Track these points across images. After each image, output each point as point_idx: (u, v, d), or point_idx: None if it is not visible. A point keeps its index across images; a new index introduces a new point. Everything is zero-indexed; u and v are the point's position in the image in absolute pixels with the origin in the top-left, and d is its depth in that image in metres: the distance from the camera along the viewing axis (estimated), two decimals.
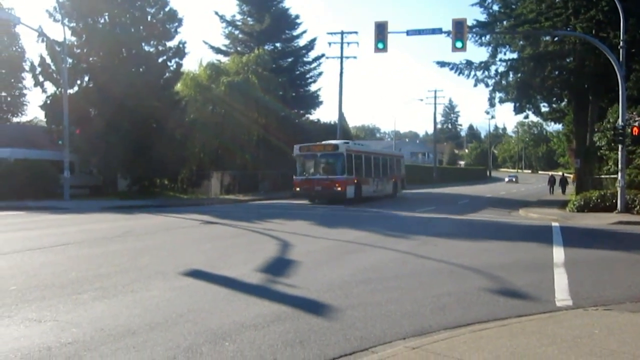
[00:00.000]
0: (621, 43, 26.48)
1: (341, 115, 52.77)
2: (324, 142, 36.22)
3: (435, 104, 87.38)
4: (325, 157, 33.99)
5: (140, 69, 39.03)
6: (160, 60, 40.73)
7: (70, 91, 36.52)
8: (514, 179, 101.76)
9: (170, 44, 41.04)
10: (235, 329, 7.04)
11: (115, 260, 12.10)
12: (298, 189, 33.89)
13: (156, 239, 16.33)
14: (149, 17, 39.85)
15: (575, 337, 6.62)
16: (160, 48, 40.81)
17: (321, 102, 60.93)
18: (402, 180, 45.67)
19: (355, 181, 33.82)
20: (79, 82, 38.65)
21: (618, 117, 27.13)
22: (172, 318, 7.52)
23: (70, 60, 37.06)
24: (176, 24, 40.85)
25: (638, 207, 25.30)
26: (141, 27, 39.32)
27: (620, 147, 26.16)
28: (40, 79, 37.35)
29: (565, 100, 45.78)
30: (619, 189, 26.03)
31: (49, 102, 37.55)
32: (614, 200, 26.46)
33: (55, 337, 6.66)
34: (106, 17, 38.57)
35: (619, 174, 26.10)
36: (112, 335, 6.78)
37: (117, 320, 7.38)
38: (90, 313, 7.80)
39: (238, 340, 6.65)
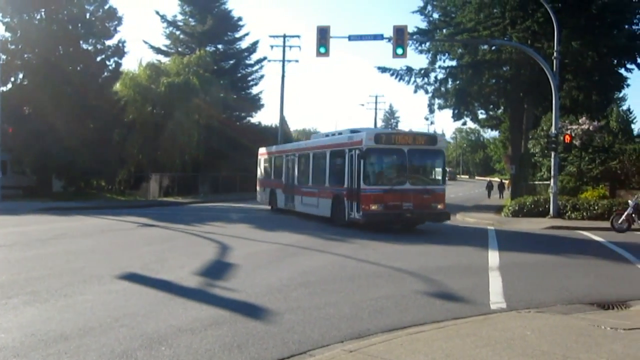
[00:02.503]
0: (555, 53, 27.29)
1: (282, 118, 52.70)
2: (413, 131, 24.15)
3: (376, 109, 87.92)
4: (417, 155, 20.78)
5: (78, 68, 38.12)
6: (98, 59, 39.89)
7: (3, 88, 35.53)
8: None
9: (109, 42, 40.31)
10: (172, 333, 6.94)
11: (48, 263, 11.80)
12: (374, 207, 19.63)
13: (92, 242, 15.98)
14: (88, 15, 38.98)
15: (509, 338, 6.78)
16: (99, 46, 39.98)
17: (263, 105, 60.78)
18: None
19: None
20: (12, 79, 37.55)
21: (551, 125, 27.93)
22: (107, 322, 7.38)
23: (3, 57, 36.03)
24: (116, 22, 40.10)
25: (569, 212, 26.05)
26: (79, 25, 38.40)
27: (553, 154, 26.90)
28: None
29: (502, 107, 46.89)
30: (551, 195, 26.75)
31: None
32: (546, 206, 27.17)
33: None
34: (42, 14, 37.55)
35: (552, 180, 26.85)
36: (43, 340, 6.60)
37: (49, 325, 7.19)
38: (21, 318, 7.58)
39: (174, 344, 6.56)
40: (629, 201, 22.15)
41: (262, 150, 32.48)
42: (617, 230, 21.09)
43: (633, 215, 21.23)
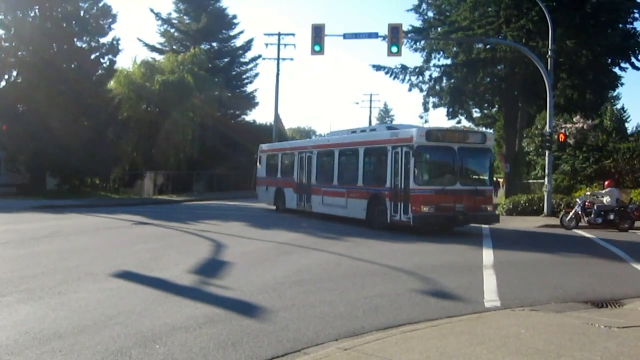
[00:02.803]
0: (549, 52, 27.35)
1: (277, 116, 52.69)
2: (463, 129, 23.53)
3: (370, 107, 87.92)
4: (467, 154, 19.67)
5: (72, 65, 37.97)
6: (93, 56, 39.73)
7: None
8: None
9: (103, 40, 40.11)
10: (166, 331, 6.93)
11: (42, 261, 11.76)
12: (426, 208, 18.47)
13: (86, 240, 15.94)
14: (82, 12, 38.81)
15: (503, 337, 6.79)
16: (93, 44, 39.84)
17: (257, 103, 60.86)
18: None
19: None
20: (6, 76, 37.38)
21: (545, 123, 27.97)
22: (101, 320, 7.36)
23: None
24: (110, 19, 39.94)
25: (563, 211, 26.13)
26: (73, 22, 38.24)
27: (547, 152, 26.96)
28: None
29: (496, 106, 46.96)
30: (545, 194, 26.82)
31: None
32: (540, 204, 27.25)
33: None
34: (36, 11, 37.39)
35: (546, 178, 26.91)
36: (37, 338, 6.58)
37: (43, 323, 7.17)
38: (15, 316, 7.56)
39: (169, 342, 6.55)
40: (577, 199, 22.95)
41: (265, 147, 31.35)
42: (566, 227, 21.99)
43: (580, 213, 22.11)
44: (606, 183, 23.24)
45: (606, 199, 21.96)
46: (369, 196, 20.74)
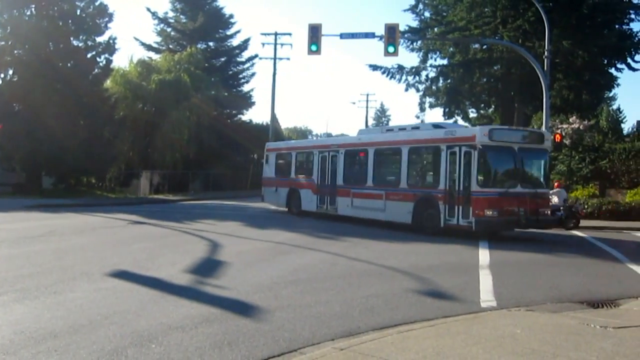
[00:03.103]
0: (546, 53, 27.37)
1: (274, 116, 52.58)
2: (522, 128, 23.27)
3: (367, 107, 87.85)
4: (526, 155, 18.56)
5: (69, 64, 37.96)
6: (89, 55, 39.75)
7: None
8: None
9: (100, 39, 40.20)
10: (162, 331, 6.92)
11: (37, 261, 11.73)
12: (489, 212, 17.32)
13: (82, 239, 15.90)
14: (79, 11, 38.84)
15: (499, 337, 6.80)
16: (89, 43, 39.86)
17: (254, 103, 60.74)
18: None
19: None
20: (2, 75, 37.38)
21: (542, 124, 27.99)
22: (97, 320, 7.34)
23: None
24: (107, 18, 39.97)
25: None
26: (70, 21, 38.26)
27: None
28: None
29: (493, 106, 47.03)
30: None
31: None
32: None
33: None
34: (33, 9, 37.38)
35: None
36: (33, 338, 6.56)
37: (39, 323, 7.15)
38: (10, 315, 7.54)
39: (165, 342, 6.54)
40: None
41: (275, 145, 30.12)
42: None
43: None
44: (555, 184, 24.01)
45: (554, 199, 22.44)
46: (415, 198, 19.47)
